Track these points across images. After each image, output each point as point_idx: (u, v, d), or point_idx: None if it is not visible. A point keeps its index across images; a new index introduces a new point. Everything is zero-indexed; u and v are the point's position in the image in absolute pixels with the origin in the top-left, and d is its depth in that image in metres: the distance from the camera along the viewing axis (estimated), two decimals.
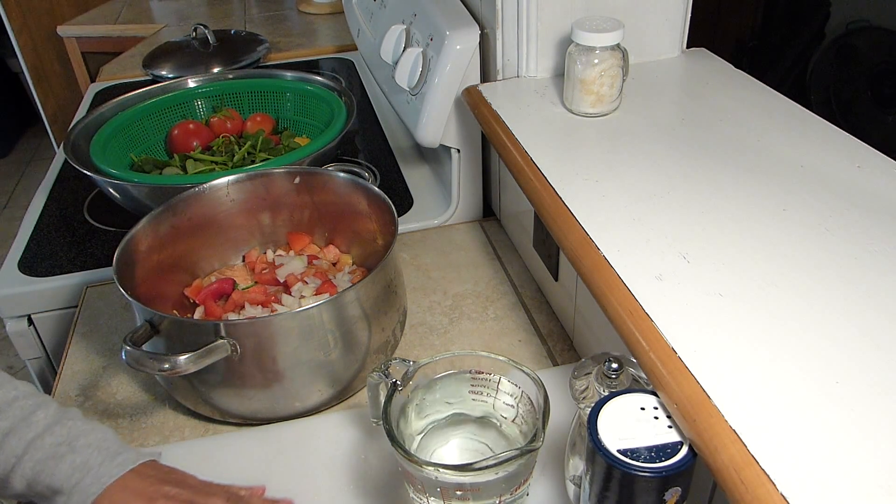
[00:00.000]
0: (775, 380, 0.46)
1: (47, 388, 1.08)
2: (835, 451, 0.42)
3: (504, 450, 0.54)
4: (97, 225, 1.07)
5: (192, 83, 1.16)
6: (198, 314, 0.79)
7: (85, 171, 0.93)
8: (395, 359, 0.60)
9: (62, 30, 1.88)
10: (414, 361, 0.60)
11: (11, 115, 3.37)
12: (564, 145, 0.75)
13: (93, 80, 1.64)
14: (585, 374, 0.53)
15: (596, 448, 0.46)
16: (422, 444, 0.61)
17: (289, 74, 1.17)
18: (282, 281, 0.81)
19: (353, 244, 0.87)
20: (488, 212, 1.07)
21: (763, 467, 0.41)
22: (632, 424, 0.48)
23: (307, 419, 0.73)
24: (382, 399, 0.59)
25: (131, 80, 1.54)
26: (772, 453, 0.42)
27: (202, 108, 1.16)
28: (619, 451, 0.46)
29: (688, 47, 0.91)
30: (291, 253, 0.87)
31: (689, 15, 0.88)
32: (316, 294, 0.78)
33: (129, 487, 0.58)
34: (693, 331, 0.51)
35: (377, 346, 0.74)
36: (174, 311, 0.79)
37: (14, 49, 2.17)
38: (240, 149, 1.07)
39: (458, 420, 0.63)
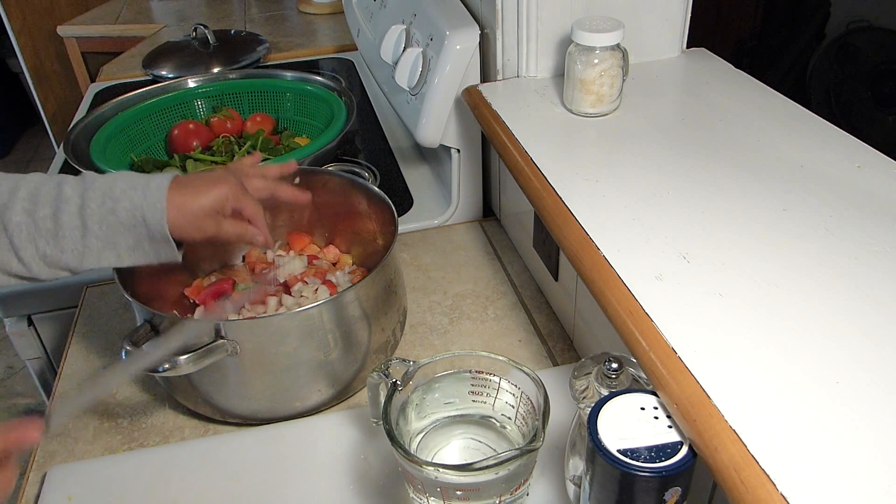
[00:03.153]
0: (775, 379, 0.46)
1: (47, 389, 1.08)
2: (835, 451, 0.42)
3: (505, 450, 0.54)
4: None
5: (192, 83, 1.16)
6: (198, 314, 0.79)
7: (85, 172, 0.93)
8: (395, 359, 0.60)
9: (62, 30, 1.88)
10: (414, 361, 0.60)
11: (11, 115, 3.37)
12: (564, 145, 0.75)
13: (93, 80, 1.64)
14: (585, 374, 0.53)
15: (596, 448, 0.46)
16: (423, 444, 0.61)
17: (289, 74, 1.17)
18: (282, 281, 0.81)
19: (353, 244, 0.87)
20: (488, 212, 1.07)
21: (763, 467, 0.41)
22: (632, 424, 0.48)
23: (307, 419, 0.73)
24: (382, 399, 0.59)
25: (131, 80, 1.54)
26: (772, 453, 0.42)
27: (202, 108, 1.16)
28: (619, 451, 0.46)
29: (688, 47, 0.91)
30: (291, 253, 0.87)
31: (689, 15, 0.88)
32: (316, 294, 0.78)
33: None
34: (693, 331, 0.51)
35: (377, 346, 0.74)
36: (174, 311, 0.79)
37: (14, 49, 2.17)
38: (240, 149, 1.07)
39: (459, 420, 0.63)
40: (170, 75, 1.44)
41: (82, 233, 0.61)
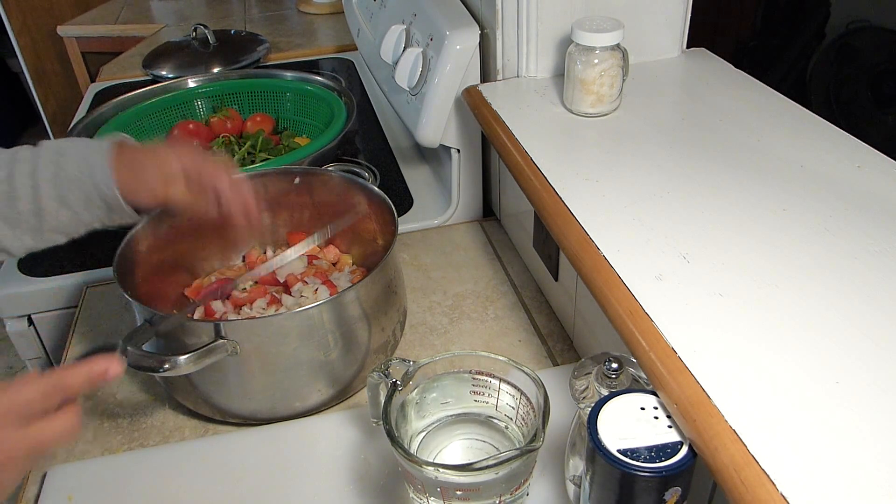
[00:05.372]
0: (775, 380, 0.46)
1: None
2: (835, 451, 0.42)
3: (506, 450, 0.54)
4: None
5: (192, 83, 1.16)
6: (198, 314, 0.78)
7: None
8: (395, 359, 0.60)
9: (62, 30, 1.88)
10: (414, 361, 0.60)
11: (11, 115, 3.37)
12: (564, 145, 0.75)
13: (93, 80, 1.64)
14: (585, 374, 0.53)
15: (596, 448, 0.46)
16: (424, 444, 0.61)
17: (289, 74, 1.17)
18: (282, 281, 0.81)
19: (353, 244, 0.87)
20: (488, 212, 1.07)
21: (763, 467, 0.41)
22: (632, 424, 0.48)
23: (307, 419, 0.73)
24: (382, 399, 0.59)
25: (131, 80, 1.54)
26: (772, 453, 0.42)
27: (202, 108, 1.16)
28: (619, 451, 0.46)
29: (688, 47, 0.91)
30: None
31: (689, 15, 0.88)
32: (316, 294, 0.78)
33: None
34: (693, 331, 0.51)
35: (377, 346, 0.74)
36: (174, 311, 0.79)
37: (14, 49, 2.17)
38: (240, 149, 1.07)
39: (461, 420, 0.63)
40: (170, 75, 1.44)
41: (34, 192, 0.61)
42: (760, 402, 0.45)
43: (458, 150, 0.98)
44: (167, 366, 0.63)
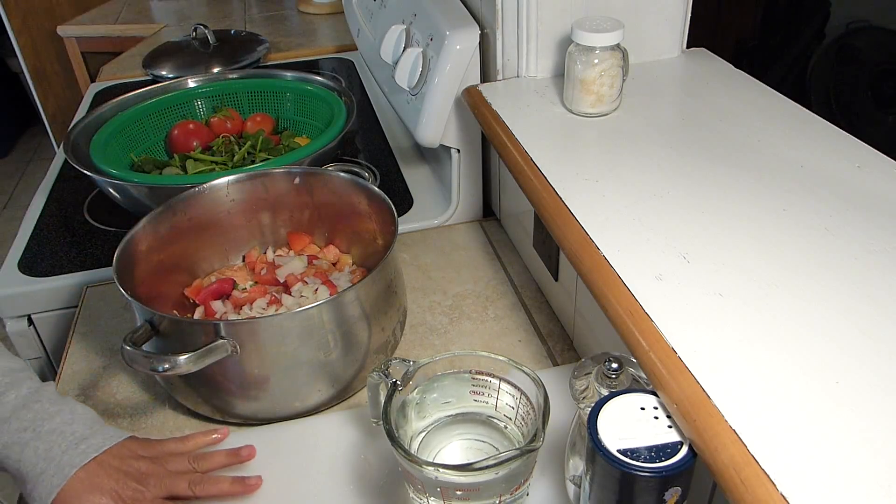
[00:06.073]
0: (775, 380, 0.46)
1: None
2: (835, 451, 0.42)
3: (506, 450, 0.54)
4: (97, 225, 1.07)
5: (192, 83, 1.16)
6: (198, 314, 0.79)
7: (85, 171, 0.93)
8: (395, 359, 0.60)
9: (62, 30, 1.88)
10: (414, 361, 0.60)
11: (11, 115, 3.37)
12: (564, 145, 0.75)
13: (93, 80, 1.64)
14: (585, 374, 0.53)
15: (596, 448, 0.46)
16: (424, 444, 0.61)
17: (289, 74, 1.17)
18: (282, 281, 0.81)
19: (353, 244, 0.87)
20: (488, 212, 1.07)
21: (763, 467, 0.41)
22: (632, 424, 0.48)
23: (307, 419, 0.73)
24: (382, 399, 0.59)
25: (131, 80, 1.54)
26: (772, 453, 0.42)
27: (202, 108, 1.16)
28: (619, 451, 0.46)
29: (688, 47, 0.91)
30: (291, 253, 0.87)
31: (689, 15, 0.88)
32: (316, 294, 0.78)
33: (93, 483, 0.59)
34: (693, 331, 0.51)
35: (377, 346, 0.74)
36: (174, 311, 0.79)
37: (14, 49, 2.18)
38: (240, 149, 1.07)
39: (460, 420, 0.63)
40: (170, 75, 1.44)
41: None
42: (760, 402, 0.45)
43: (458, 150, 0.98)
44: (167, 366, 0.63)
